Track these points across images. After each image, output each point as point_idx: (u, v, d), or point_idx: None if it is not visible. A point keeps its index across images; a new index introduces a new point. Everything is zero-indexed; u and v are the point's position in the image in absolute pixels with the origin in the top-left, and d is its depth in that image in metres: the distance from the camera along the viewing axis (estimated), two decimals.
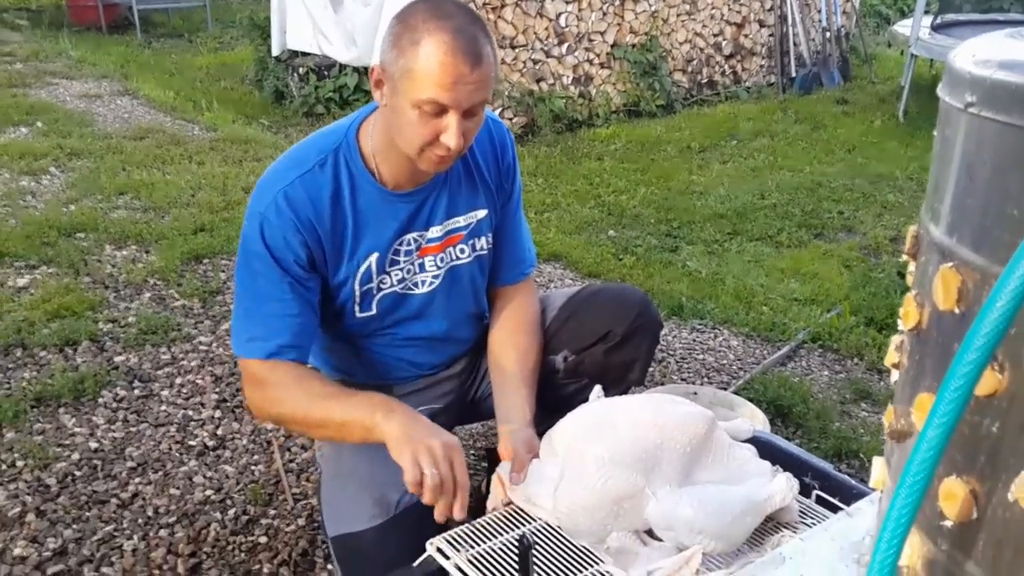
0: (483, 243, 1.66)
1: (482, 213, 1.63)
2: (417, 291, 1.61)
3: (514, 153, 1.68)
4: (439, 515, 1.29)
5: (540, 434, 1.47)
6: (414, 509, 1.46)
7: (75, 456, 2.14)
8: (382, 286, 1.57)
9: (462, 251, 1.63)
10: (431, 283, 1.62)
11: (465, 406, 1.83)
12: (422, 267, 1.60)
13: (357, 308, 1.57)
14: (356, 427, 1.40)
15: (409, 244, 1.56)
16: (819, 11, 7.13)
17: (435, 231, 1.58)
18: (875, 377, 2.73)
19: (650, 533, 1.28)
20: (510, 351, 1.66)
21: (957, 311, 0.68)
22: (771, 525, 1.33)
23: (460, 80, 1.31)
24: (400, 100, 1.35)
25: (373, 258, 1.53)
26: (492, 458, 2.00)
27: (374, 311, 1.59)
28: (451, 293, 1.65)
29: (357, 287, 1.54)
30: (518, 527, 1.34)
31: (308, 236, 1.46)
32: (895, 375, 0.81)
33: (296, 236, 1.45)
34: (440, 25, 1.31)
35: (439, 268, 1.61)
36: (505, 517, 1.38)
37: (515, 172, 1.69)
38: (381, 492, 1.46)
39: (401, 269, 1.57)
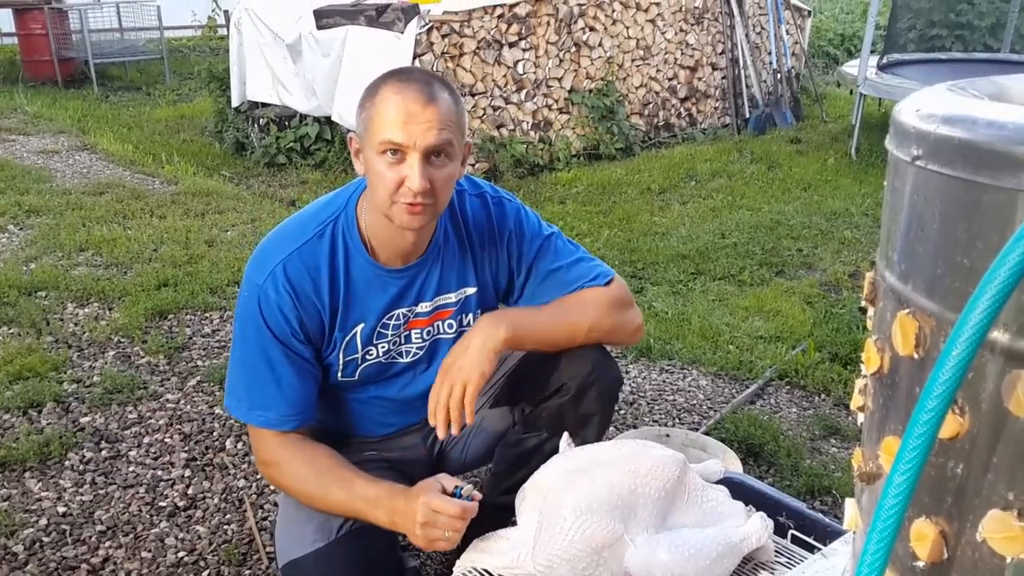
0: (470, 319, 1.65)
1: (471, 290, 1.63)
2: (401, 360, 1.63)
3: (517, 217, 1.64)
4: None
5: (513, 488, 1.47)
6: (358, 534, 1.49)
7: (42, 521, 2.10)
8: (367, 357, 1.58)
9: (449, 326, 1.64)
10: (415, 354, 1.63)
11: (432, 459, 1.81)
12: (408, 339, 1.61)
13: (340, 373, 1.59)
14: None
15: (398, 319, 1.57)
16: (769, 53, 7.33)
17: (424, 306, 1.59)
18: (842, 413, 2.77)
19: None
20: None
21: (916, 356, 0.71)
22: (749, 567, 1.34)
23: (411, 118, 1.34)
24: (369, 154, 1.39)
25: (359, 329, 1.54)
26: None
27: (356, 378, 1.60)
28: (432, 362, 1.66)
29: (341, 356, 1.55)
30: None
31: (304, 311, 1.47)
32: (861, 417, 0.83)
33: (293, 312, 1.46)
34: (397, 78, 1.39)
35: (424, 340, 1.63)
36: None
37: (524, 232, 1.64)
38: (324, 517, 1.48)
39: (388, 341, 1.58)
